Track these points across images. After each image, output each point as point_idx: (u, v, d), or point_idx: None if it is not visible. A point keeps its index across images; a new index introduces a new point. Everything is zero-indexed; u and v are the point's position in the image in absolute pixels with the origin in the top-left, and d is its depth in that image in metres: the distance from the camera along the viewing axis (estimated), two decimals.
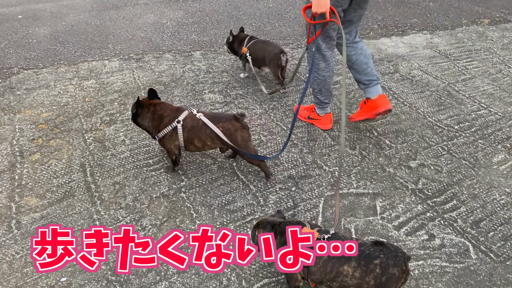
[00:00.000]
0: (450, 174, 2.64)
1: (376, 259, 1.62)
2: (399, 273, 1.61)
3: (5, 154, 2.81)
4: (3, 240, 2.19)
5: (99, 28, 4.89)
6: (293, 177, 2.62)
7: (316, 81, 2.84)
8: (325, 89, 2.86)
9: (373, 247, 1.66)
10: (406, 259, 1.64)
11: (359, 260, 1.64)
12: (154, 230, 2.24)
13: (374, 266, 1.61)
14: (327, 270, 1.67)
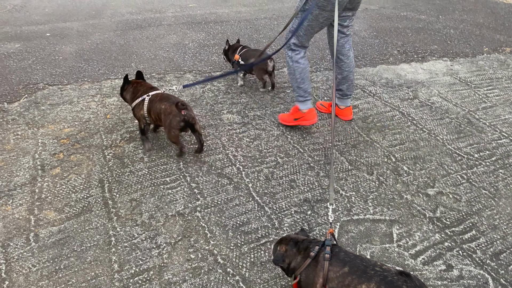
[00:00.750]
0: (469, 204, 2.59)
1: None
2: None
3: (27, 167, 2.88)
4: (21, 252, 2.22)
5: (123, 47, 5.03)
6: (309, 200, 2.60)
7: (297, 71, 3.09)
8: (306, 77, 3.12)
9: (398, 276, 1.62)
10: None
11: (379, 283, 1.60)
12: (168, 248, 2.25)
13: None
14: (345, 282, 1.65)
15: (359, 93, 3.96)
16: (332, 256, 1.73)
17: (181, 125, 2.79)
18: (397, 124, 3.43)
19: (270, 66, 3.76)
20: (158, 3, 7.19)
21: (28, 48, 5.08)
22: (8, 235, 2.33)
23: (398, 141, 3.21)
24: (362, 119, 3.51)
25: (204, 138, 3.16)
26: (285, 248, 1.84)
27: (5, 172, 2.82)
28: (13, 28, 5.86)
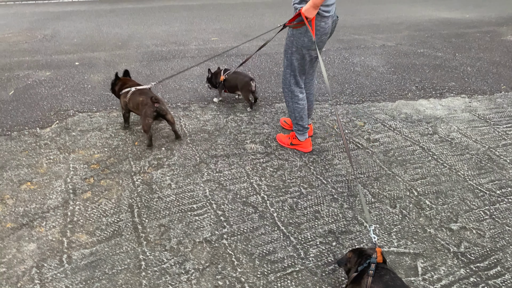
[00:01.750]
0: (493, 239, 2.61)
1: None
2: None
3: (59, 191, 2.98)
4: (55, 273, 2.29)
5: (149, 77, 5.22)
6: (334, 231, 2.65)
7: (296, 110, 3.35)
8: (304, 115, 3.39)
9: None
10: None
11: None
12: (197, 274, 2.30)
13: None
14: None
15: (380, 127, 4.05)
16: (376, 276, 1.80)
17: (154, 114, 3.47)
18: (418, 159, 3.49)
19: (253, 86, 4.26)
20: (181, 36, 7.46)
21: (58, 76, 5.31)
22: (42, 256, 2.41)
23: (420, 175, 3.25)
24: (383, 152, 3.57)
25: (228, 165, 3.26)
26: (350, 255, 2.03)
27: (39, 195, 2.93)
28: (44, 57, 6.13)
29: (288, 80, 3.25)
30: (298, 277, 2.30)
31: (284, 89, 3.34)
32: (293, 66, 3.15)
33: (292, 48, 3.04)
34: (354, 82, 5.28)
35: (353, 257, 2.03)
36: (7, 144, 3.58)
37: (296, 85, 3.27)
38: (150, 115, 3.45)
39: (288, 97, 3.34)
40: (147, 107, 3.44)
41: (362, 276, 1.88)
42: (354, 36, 7.59)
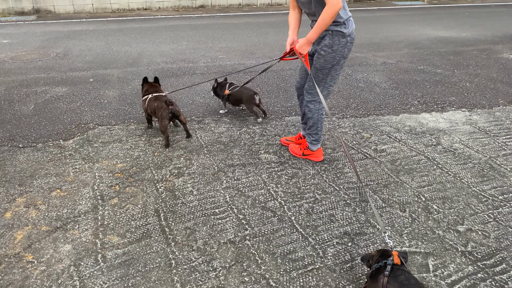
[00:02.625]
0: (498, 240, 2.79)
1: None
2: None
3: (88, 197, 3.16)
4: (92, 271, 2.46)
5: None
6: (349, 233, 2.83)
7: (320, 121, 3.56)
8: (323, 127, 3.67)
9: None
10: None
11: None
12: (224, 271, 2.47)
13: None
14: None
15: (385, 138, 4.26)
16: (392, 275, 1.96)
17: (169, 116, 3.90)
18: (423, 167, 3.69)
19: (257, 100, 4.54)
20: (189, 54, 7.73)
21: (75, 91, 5.53)
22: (78, 255, 2.57)
23: (426, 183, 3.45)
24: (391, 162, 3.78)
25: (245, 174, 3.46)
26: (375, 253, 2.18)
27: (69, 201, 3.11)
28: (59, 74, 6.36)
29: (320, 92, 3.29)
30: (318, 274, 2.47)
31: (312, 102, 3.47)
32: (332, 76, 3.31)
33: (333, 62, 3.20)
34: (358, 97, 5.52)
35: (375, 256, 2.19)
36: (34, 155, 3.77)
37: (326, 97, 3.46)
38: (166, 117, 3.89)
39: (315, 110, 3.49)
40: (163, 110, 3.89)
41: (379, 275, 2.06)
42: (355, 54, 7.88)
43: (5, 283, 2.35)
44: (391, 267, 2.02)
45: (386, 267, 2.03)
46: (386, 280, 1.98)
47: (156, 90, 4.23)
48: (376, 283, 2.04)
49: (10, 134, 4.19)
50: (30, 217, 2.92)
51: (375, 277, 2.07)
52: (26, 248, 2.63)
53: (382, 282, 1.99)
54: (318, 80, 3.33)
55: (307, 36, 3.07)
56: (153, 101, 4.03)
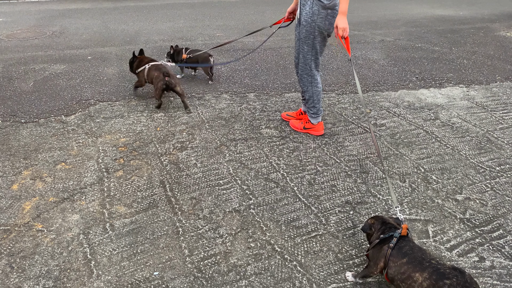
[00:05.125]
0: (495, 208, 2.88)
1: (448, 280, 1.81)
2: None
3: (93, 170, 3.20)
4: (101, 239, 2.52)
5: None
6: (350, 202, 2.90)
7: (315, 93, 3.62)
8: (321, 98, 3.71)
9: (451, 270, 1.86)
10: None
11: (432, 273, 1.87)
12: (230, 238, 2.54)
13: (443, 284, 1.81)
14: (401, 270, 1.94)
15: (385, 113, 4.31)
16: (397, 247, 2.02)
17: (164, 86, 4.16)
18: (422, 141, 3.76)
19: (211, 61, 4.92)
20: (187, 32, 7.68)
21: (74, 69, 5.51)
22: (86, 224, 2.63)
23: (425, 155, 3.52)
24: (390, 135, 3.84)
25: (247, 148, 3.51)
26: (373, 221, 2.22)
27: (74, 174, 3.15)
28: (56, 52, 6.32)
29: (309, 65, 3.48)
30: (322, 240, 2.55)
31: (304, 76, 3.57)
32: (315, 49, 3.40)
33: (314, 33, 3.28)
34: (357, 73, 5.55)
35: (376, 224, 2.23)
36: (37, 130, 3.79)
37: (316, 68, 3.52)
38: (160, 88, 4.16)
39: (308, 83, 3.57)
40: (159, 80, 4.15)
41: (383, 245, 2.11)
42: (353, 32, 7.87)
43: (17, 250, 2.40)
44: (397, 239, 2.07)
45: (392, 238, 2.08)
46: (390, 252, 2.03)
47: (150, 60, 4.44)
48: (380, 252, 2.10)
49: (12, 110, 4.20)
50: (37, 188, 2.96)
51: (380, 246, 2.12)
52: (35, 218, 2.68)
53: (386, 251, 2.05)
54: (304, 52, 3.40)
55: (340, 10, 3.08)
56: (153, 70, 4.25)
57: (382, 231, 2.14)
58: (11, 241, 2.47)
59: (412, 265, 1.94)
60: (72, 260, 2.35)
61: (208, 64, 4.89)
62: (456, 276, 1.82)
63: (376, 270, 2.10)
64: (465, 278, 1.82)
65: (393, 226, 2.14)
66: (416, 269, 1.91)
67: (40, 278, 2.22)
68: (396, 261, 2.00)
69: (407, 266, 1.95)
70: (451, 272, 1.85)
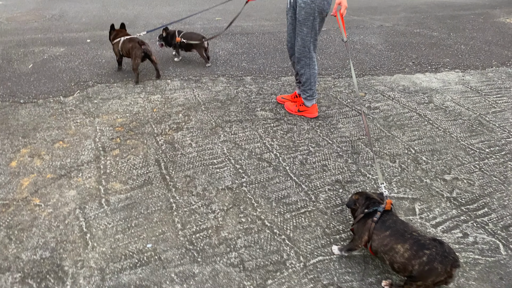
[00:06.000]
0: (481, 187, 2.95)
1: (427, 250, 1.90)
2: (442, 271, 1.86)
3: (90, 148, 3.28)
4: (96, 213, 2.60)
5: (159, 53, 5.48)
6: (340, 181, 2.97)
7: (312, 75, 3.66)
8: (317, 80, 3.83)
9: (430, 241, 1.95)
10: (453, 264, 1.85)
11: (413, 244, 1.95)
12: (222, 213, 2.62)
13: (423, 254, 1.90)
14: (384, 242, 2.01)
15: (379, 97, 4.36)
16: (380, 220, 2.10)
17: (142, 55, 4.33)
18: (415, 123, 3.81)
19: (205, 44, 4.99)
20: (186, 16, 7.67)
21: (73, 51, 5.55)
22: (83, 200, 2.71)
23: (417, 137, 3.58)
24: (383, 118, 3.89)
25: (241, 129, 3.57)
26: (357, 197, 2.27)
27: (72, 152, 3.22)
28: (56, 35, 6.35)
29: (308, 47, 3.50)
30: (310, 216, 2.62)
31: (302, 58, 3.58)
32: (315, 30, 3.42)
33: (314, 14, 3.30)
34: (354, 58, 5.58)
35: (360, 200, 2.31)
36: (35, 110, 3.85)
37: (314, 50, 3.55)
38: (139, 56, 4.32)
39: (306, 65, 3.60)
40: (136, 49, 4.32)
41: (367, 219, 2.19)
42: (353, 17, 7.86)
43: (15, 223, 2.49)
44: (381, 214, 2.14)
45: (375, 213, 2.15)
46: (373, 225, 2.11)
47: (126, 34, 4.60)
48: (364, 226, 2.17)
49: (11, 90, 4.26)
50: (35, 165, 3.04)
51: (364, 220, 2.19)
52: (33, 193, 2.76)
53: (370, 225, 2.13)
54: (303, 34, 3.42)
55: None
56: (127, 42, 4.41)
57: (366, 206, 2.22)
58: (10, 215, 2.55)
59: (395, 237, 2.01)
60: (68, 232, 2.43)
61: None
62: (435, 247, 1.90)
63: (361, 244, 2.17)
64: (444, 248, 1.90)
65: (377, 201, 2.21)
66: (398, 241, 1.99)
67: (37, 249, 2.31)
68: (379, 234, 2.07)
69: (389, 238, 2.03)
70: (430, 243, 1.93)
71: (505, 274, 2.25)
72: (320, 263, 2.28)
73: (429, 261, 1.89)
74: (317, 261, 2.29)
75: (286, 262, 2.28)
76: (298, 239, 2.43)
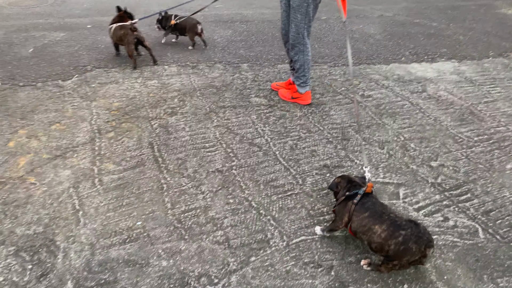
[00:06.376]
0: (466, 174, 3.01)
1: (403, 230, 1.99)
2: (416, 251, 1.96)
3: (86, 130, 3.36)
4: (89, 192, 2.69)
5: (158, 39, 5.53)
6: (328, 166, 3.05)
7: (306, 62, 3.72)
8: (310, 66, 3.83)
9: (406, 222, 2.03)
10: (427, 244, 1.94)
11: (389, 225, 2.03)
12: (211, 194, 2.70)
13: (399, 235, 1.99)
14: (363, 223, 2.09)
15: (373, 85, 4.40)
16: (360, 202, 2.17)
17: (135, 40, 4.42)
18: (406, 112, 3.86)
19: (199, 29, 5.09)
20: (186, 3, 7.69)
21: (73, 37, 5.61)
22: (77, 179, 2.80)
23: (407, 125, 3.63)
24: (375, 106, 3.95)
25: (235, 115, 3.65)
26: (340, 180, 2.35)
27: (68, 133, 3.30)
28: (57, 20, 6.41)
29: (302, 33, 3.54)
30: (296, 198, 2.70)
31: (296, 45, 3.63)
32: (309, 17, 3.46)
33: (308, 0, 3.35)
34: (352, 47, 5.61)
35: (342, 182, 2.38)
36: (34, 93, 3.94)
37: (308, 36, 3.60)
38: (132, 42, 4.41)
39: (300, 51, 3.65)
40: (128, 36, 4.38)
41: (348, 201, 2.26)
42: (353, 6, 7.85)
43: (11, 200, 2.58)
44: (361, 196, 2.22)
45: (356, 195, 2.23)
46: (353, 207, 2.19)
47: (121, 20, 4.57)
48: (345, 208, 2.25)
49: (11, 73, 4.33)
50: (32, 146, 3.13)
51: (345, 202, 2.27)
52: (28, 172, 2.85)
53: (350, 207, 2.20)
54: (298, 21, 3.46)
55: None
56: (118, 29, 4.45)
57: (347, 189, 2.29)
58: (6, 192, 2.65)
59: (373, 218, 2.09)
60: (61, 210, 2.53)
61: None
62: (411, 227, 1.98)
63: (342, 224, 2.25)
64: (419, 229, 1.97)
65: (358, 184, 2.29)
66: (375, 222, 2.07)
67: (31, 225, 2.41)
68: (358, 215, 2.15)
69: (368, 219, 2.10)
70: (406, 224, 2.00)
71: (481, 256, 2.32)
72: (303, 242, 2.37)
73: (404, 241, 1.96)
74: (299, 240, 2.38)
75: (269, 241, 2.36)
76: (283, 220, 2.52)
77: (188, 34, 5.18)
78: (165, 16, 5.18)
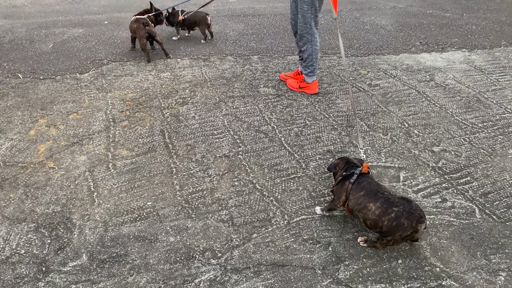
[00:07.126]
0: (468, 159, 3.07)
1: (396, 207, 2.09)
2: (408, 226, 2.05)
3: (101, 119, 3.54)
4: (104, 175, 2.86)
5: (172, 34, 5.70)
6: (331, 151, 3.15)
7: (314, 52, 3.80)
8: (318, 56, 3.92)
9: (399, 199, 2.13)
10: (418, 219, 2.03)
11: (383, 203, 2.13)
12: (217, 177, 2.84)
13: (391, 211, 2.09)
14: (358, 202, 2.20)
15: (381, 75, 4.47)
16: (356, 182, 2.28)
17: (146, 35, 4.58)
18: (412, 100, 3.92)
19: (209, 20, 5.25)
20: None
21: (90, 32, 5.83)
22: (92, 164, 2.98)
23: (412, 112, 3.70)
24: (382, 94, 4.02)
25: (243, 104, 3.77)
26: (338, 161, 2.46)
27: (84, 122, 3.49)
28: (76, 17, 6.65)
29: (309, 23, 3.64)
30: (299, 181, 2.82)
31: (304, 35, 3.73)
32: (315, 7, 3.57)
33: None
34: (362, 38, 5.66)
35: (340, 164, 2.49)
36: (53, 85, 4.15)
37: (315, 26, 3.70)
38: (143, 36, 4.59)
39: (308, 42, 3.75)
40: (140, 30, 4.57)
41: (345, 181, 2.36)
42: None
43: (32, 183, 2.78)
44: (357, 176, 2.32)
45: (353, 175, 2.33)
46: (350, 186, 2.29)
47: (140, 13, 4.84)
48: (342, 187, 2.35)
49: (32, 68, 4.56)
50: (51, 134, 3.32)
51: (342, 182, 2.37)
52: (48, 157, 3.04)
53: (347, 187, 2.31)
54: (304, 11, 3.56)
55: None
56: (133, 22, 4.68)
57: (345, 169, 2.39)
58: (27, 175, 2.84)
59: (368, 196, 2.20)
60: (77, 191, 2.71)
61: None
62: (403, 204, 2.08)
63: (339, 203, 2.36)
64: (411, 205, 2.07)
65: (355, 165, 2.39)
66: (370, 200, 2.17)
67: (50, 204, 2.59)
68: (355, 194, 2.26)
69: (363, 198, 2.21)
70: (399, 201, 2.10)
71: (476, 234, 2.40)
72: (303, 221, 2.48)
73: (396, 217, 2.06)
74: (300, 219, 2.50)
75: (271, 219, 2.49)
76: (285, 201, 2.64)
77: (200, 27, 5.32)
78: (172, 12, 5.32)
